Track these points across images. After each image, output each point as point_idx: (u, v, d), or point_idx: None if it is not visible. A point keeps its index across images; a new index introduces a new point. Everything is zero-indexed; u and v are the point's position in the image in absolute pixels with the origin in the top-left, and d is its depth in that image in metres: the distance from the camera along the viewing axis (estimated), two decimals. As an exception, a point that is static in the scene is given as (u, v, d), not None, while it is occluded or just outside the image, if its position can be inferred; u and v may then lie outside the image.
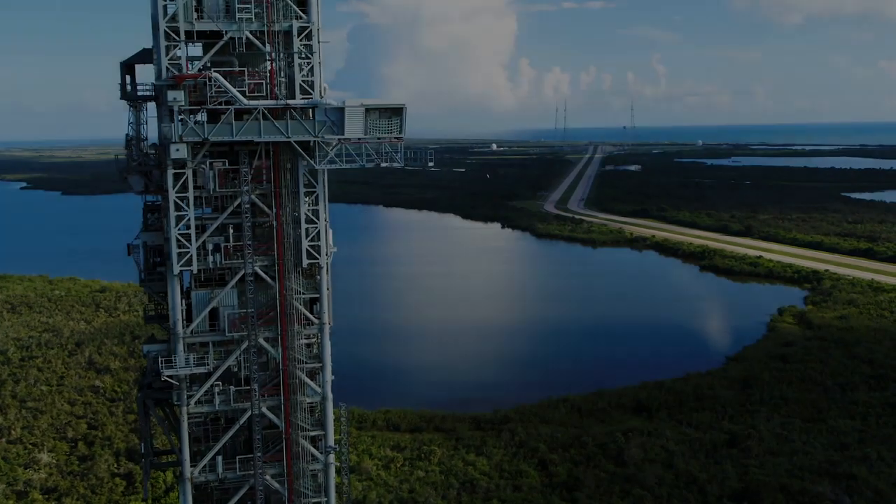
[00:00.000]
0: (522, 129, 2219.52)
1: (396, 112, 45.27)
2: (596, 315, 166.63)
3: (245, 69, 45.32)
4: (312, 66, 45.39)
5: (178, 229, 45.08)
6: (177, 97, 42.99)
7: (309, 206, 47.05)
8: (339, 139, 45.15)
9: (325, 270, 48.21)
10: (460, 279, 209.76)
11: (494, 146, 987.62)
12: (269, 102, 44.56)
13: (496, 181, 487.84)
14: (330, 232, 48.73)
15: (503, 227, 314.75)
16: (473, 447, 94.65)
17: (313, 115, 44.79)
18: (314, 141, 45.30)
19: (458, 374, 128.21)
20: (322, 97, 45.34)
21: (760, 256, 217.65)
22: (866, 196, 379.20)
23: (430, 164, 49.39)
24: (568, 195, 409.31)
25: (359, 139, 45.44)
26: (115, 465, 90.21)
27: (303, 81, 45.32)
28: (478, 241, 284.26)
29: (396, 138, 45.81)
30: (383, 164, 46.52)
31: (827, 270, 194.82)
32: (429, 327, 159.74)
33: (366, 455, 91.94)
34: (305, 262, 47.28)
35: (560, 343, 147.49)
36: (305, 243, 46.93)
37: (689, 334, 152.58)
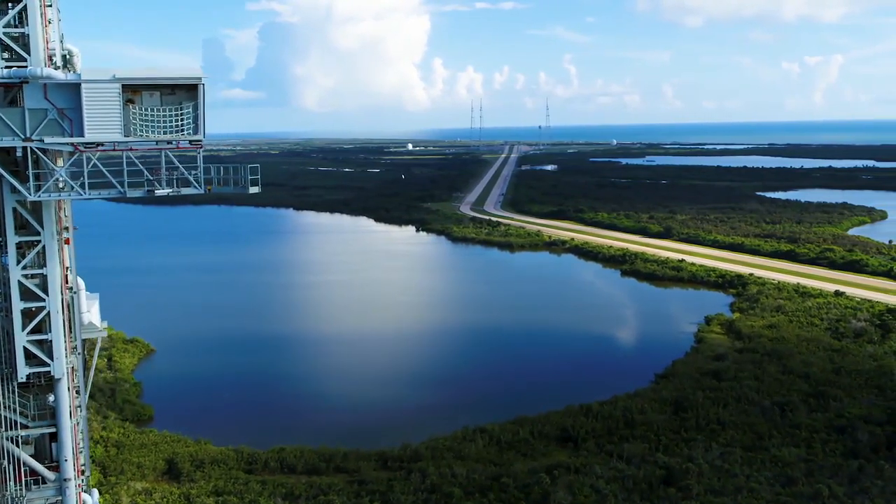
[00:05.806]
0: (437, 129, 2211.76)
1: (189, 93, 24.52)
2: (514, 326, 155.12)
3: None
4: (25, 7, 23.32)
5: None
6: None
7: (29, 267, 26.48)
8: (75, 144, 24.15)
9: (65, 383, 27.68)
10: (367, 289, 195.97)
11: (410, 146, 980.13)
12: None
13: (411, 182, 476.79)
14: (87, 304, 29.00)
15: (418, 230, 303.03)
16: (379, 493, 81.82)
17: (23, 100, 23.33)
18: (25, 147, 24.28)
19: (363, 400, 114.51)
20: (55, 67, 24.29)
21: (683, 260, 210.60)
22: (780, 195, 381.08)
23: (255, 187, 30.90)
24: (484, 196, 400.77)
25: (115, 145, 24.80)
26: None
27: (5, 35, 23.23)
28: (390, 246, 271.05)
29: (193, 142, 25.83)
30: (159, 193, 26.33)
31: (752, 274, 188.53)
32: (330, 345, 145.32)
33: (251, 509, 78.32)
34: (23, 371, 27.24)
35: (475, 360, 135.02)
36: (23, 337, 26.63)
37: (614, 347, 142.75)
